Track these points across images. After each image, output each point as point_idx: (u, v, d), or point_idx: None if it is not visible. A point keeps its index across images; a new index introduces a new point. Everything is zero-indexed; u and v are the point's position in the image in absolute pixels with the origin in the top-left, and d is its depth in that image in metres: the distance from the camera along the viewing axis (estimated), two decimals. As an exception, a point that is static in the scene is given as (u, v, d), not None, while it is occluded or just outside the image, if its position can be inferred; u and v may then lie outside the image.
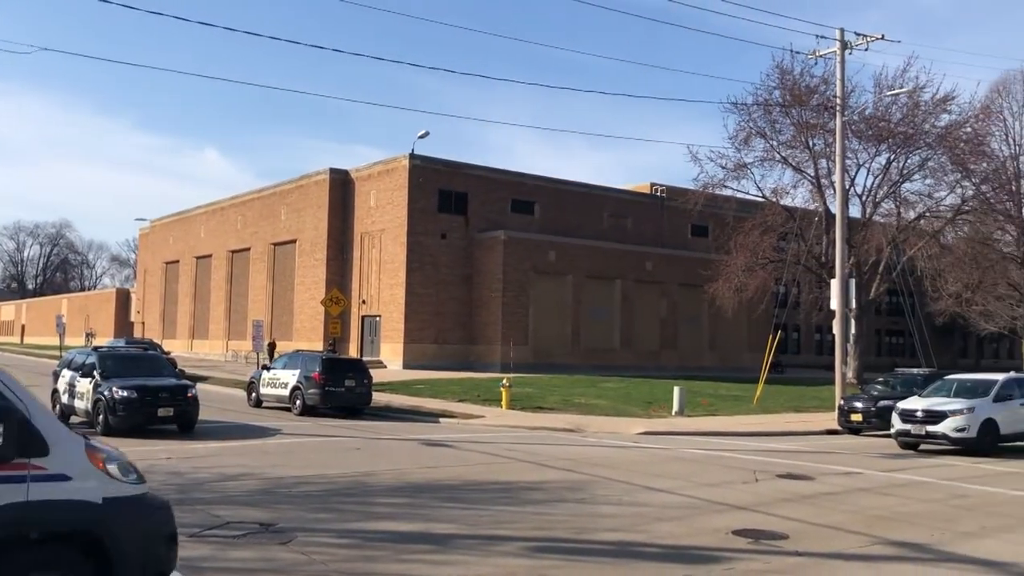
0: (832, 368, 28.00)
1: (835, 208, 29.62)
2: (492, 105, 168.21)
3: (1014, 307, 46.73)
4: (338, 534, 9.66)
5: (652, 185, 56.89)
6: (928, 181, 37.08)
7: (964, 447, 19.05)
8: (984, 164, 38.11)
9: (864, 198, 36.30)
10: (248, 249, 57.42)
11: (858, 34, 26.63)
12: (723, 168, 36.89)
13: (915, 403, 20.19)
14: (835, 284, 26.98)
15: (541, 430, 21.75)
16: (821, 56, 27.97)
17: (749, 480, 14.28)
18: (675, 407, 26.34)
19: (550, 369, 42.90)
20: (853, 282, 28.11)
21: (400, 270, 45.39)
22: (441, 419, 23.57)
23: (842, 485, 14.27)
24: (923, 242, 37.04)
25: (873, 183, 36.26)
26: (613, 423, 23.56)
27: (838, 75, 27.45)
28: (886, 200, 36.88)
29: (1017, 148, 44.61)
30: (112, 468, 6.04)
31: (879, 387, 25.06)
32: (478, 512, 10.91)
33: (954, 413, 19.22)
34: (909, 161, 35.82)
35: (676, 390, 26.86)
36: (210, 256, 62.30)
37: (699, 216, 45.33)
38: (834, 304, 26.76)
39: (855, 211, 36.62)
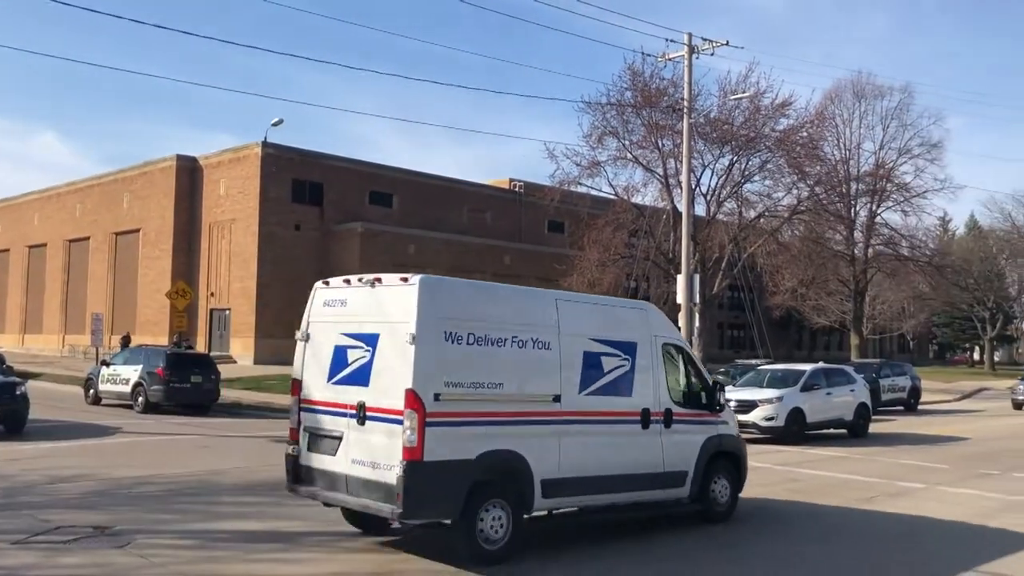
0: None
1: (682, 207, 30.80)
2: (352, 96, 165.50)
3: (843, 302, 50.15)
4: (180, 535, 9.30)
5: (511, 181, 57.49)
6: (767, 182, 39.08)
7: (773, 435, 19.58)
8: (818, 167, 40.51)
9: (709, 197, 37.88)
10: (87, 238, 54.22)
11: (704, 39, 27.78)
12: (578, 166, 37.62)
13: (728, 393, 20.54)
14: (681, 279, 28.13)
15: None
16: (670, 59, 29.01)
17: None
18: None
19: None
20: (697, 277, 29.32)
21: (251, 262, 44.03)
22: (293, 415, 22.98)
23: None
24: (762, 240, 39.05)
25: (717, 183, 37.91)
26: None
27: (686, 78, 28.56)
28: (729, 200, 38.60)
29: (847, 153, 47.94)
30: (734, 416, 11.68)
31: (720, 377, 26.21)
32: (328, 509, 10.72)
33: (764, 402, 19.72)
34: (750, 163, 37.64)
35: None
36: (44, 245, 58.44)
37: (555, 212, 46.18)
38: (680, 298, 27.90)
39: (701, 210, 38.18)
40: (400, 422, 7.60)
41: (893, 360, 39.63)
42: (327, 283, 9.24)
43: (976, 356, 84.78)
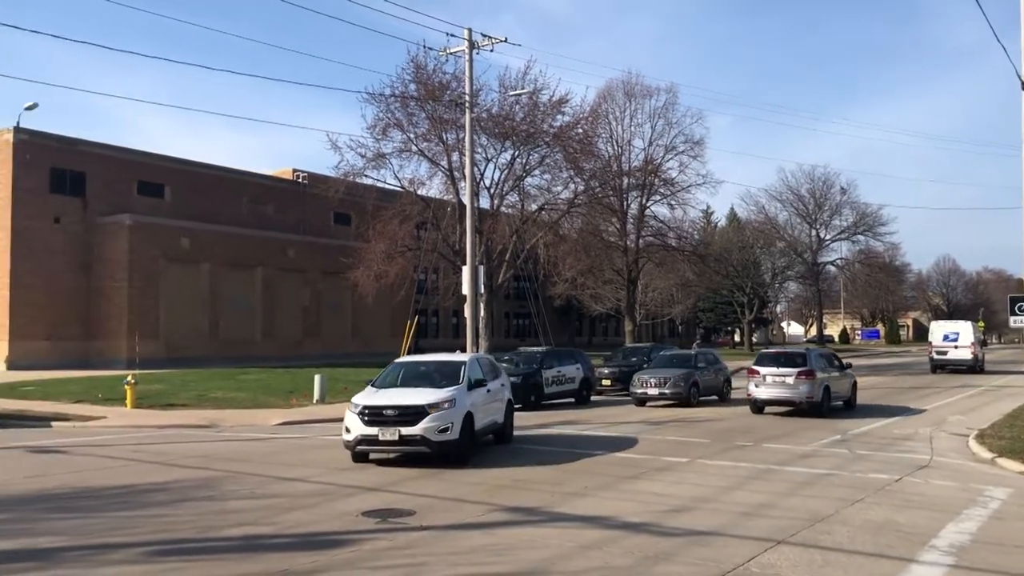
0: (466, 349, 29.64)
1: (466, 199, 31.30)
2: (118, 78, 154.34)
3: (618, 290, 52.89)
4: (-87, 563, 8.39)
5: (294, 171, 55.99)
6: (546, 176, 40.48)
7: (447, 453, 14.19)
8: (593, 162, 42.43)
9: (492, 190, 38.71)
10: None
11: (484, 35, 28.37)
12: (363, 157, 37.20)
13: (365, 399, 14.70)
14: (466, 271, 28.64)
15: (171, 428, 20.52)
16: (452, 54, 29.36)
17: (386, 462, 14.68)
18: (316, 395, 26.27)
19: (184, 363, 40.60)
20: (482, 269, 29.95)
21: (3, 258, 40.18)
22: (53, 423, 21.28)
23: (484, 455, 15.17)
24: (543, 232, 40.43)
25: (500, 177, 38.80)
26: (251, 416, 22.91)
27: (467, 73, 29.02)
28: (511, 193, 39.63)
29: (619, 149, 50.46)
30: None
31: (505, 365, 26.95)
32: (90, 520, 10.06)
33: (435, 408, 14.13)
34: (530, 157, 38.82)
35: (316, 378, 26.78)
36: None
37: (341, 204, 45.40)
38: (466, 289, 28.40)
39: (485, 202, 38.97)
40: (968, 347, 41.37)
41: (663, 344, 42.28)
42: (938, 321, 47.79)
43: (737, 338, 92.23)
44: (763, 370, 23.03)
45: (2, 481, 12.87)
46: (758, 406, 23.23)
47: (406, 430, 13.81)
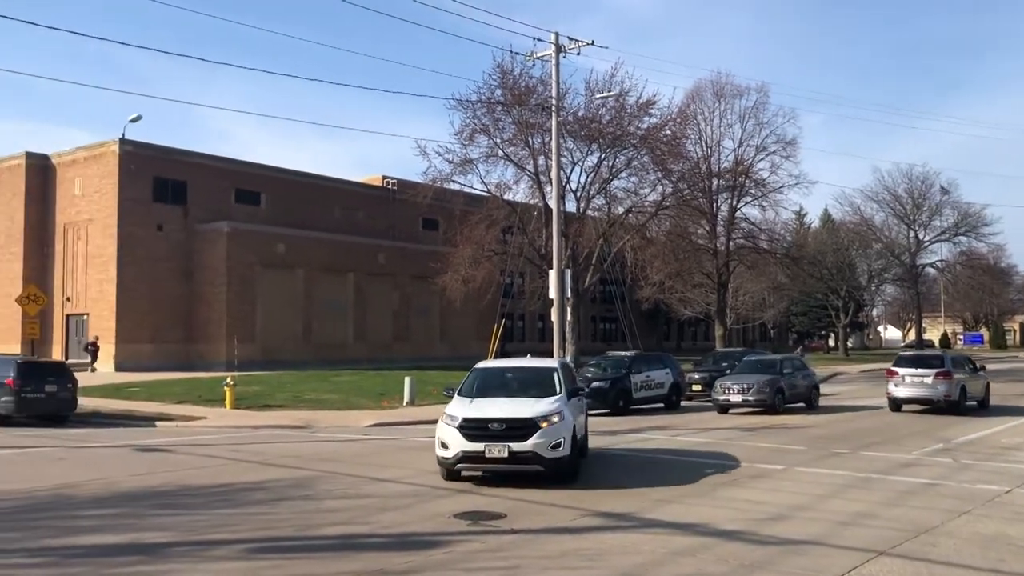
0: (553, 353, 29.63)
1: (552, 203, 31.30)
2: (214, 90, 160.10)
3: (708, 293, 52.06)
4: (31, 553, 8.80)
5: (383, 178, 56.98)
6: (633, 179, 40.18)
7: (556, 472, 12.63)
8: (681, 164, 41.92)
9: (578, 194, 38.63)
10: (-75, 242, 50.47)
11: (571, 39, 28.34)
12: (450, 163, 37.62)
13: (461, 408, 13.02)
14: (553, 275, 28.63)
15: (267, 428, 21.12)
16: (538, 58, 29.45)
17: (473, 464, 14.74)
18: (406, 397, 26.66)
19: (280, 366, 41.70)
20: (569, 272, 29.90)
21: (110, 264, 42.03)
22: (158, 423, 22.17)
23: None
24: (630, 235, 40.13)
25: (586, 180, 38.70)
26: (344, 417, 23.40)
27: (553, 77, 29.04)
28: (598, 196, 39.49)
29: (708, 150, 49.67)
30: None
31: (592, 369, 26.92)
32: (194, 517, 10.42)
33: (544, 420, 12.57)
34: (617, 160, 38.60)
35: (407, 380, 27.18)
36: None
37: (429, 209, 46.06)
38: (552, 293, 28.39)
39: (571, 206, 38.92)
40: None
41: (755, 348, 41.39)
42: None
43: (831, 343, 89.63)
44: (901, 371, 24.46)
45: (111, 478, 13.47)
46: (897, 404, 24.57)
47: (517, 446, 12.15)
